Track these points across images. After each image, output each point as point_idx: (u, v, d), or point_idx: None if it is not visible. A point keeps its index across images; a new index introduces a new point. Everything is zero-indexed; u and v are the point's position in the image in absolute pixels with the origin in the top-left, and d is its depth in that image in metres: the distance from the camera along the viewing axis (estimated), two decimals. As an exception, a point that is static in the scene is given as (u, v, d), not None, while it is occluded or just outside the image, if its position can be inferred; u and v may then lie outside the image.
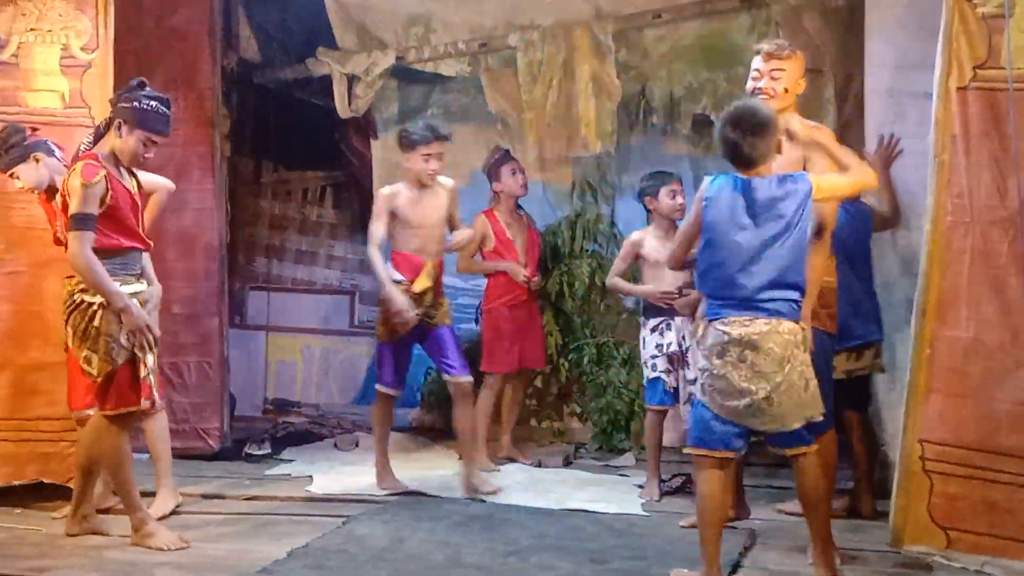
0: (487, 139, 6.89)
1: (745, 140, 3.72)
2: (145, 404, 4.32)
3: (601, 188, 6.88)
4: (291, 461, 6.28)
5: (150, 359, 4.29)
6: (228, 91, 6.92)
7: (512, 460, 6.16)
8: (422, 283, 5.27)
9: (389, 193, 5.35)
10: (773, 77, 4.18)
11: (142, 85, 4.37)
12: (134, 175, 4.48)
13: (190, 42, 6.18)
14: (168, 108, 4.37)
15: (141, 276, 4.45)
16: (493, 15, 6.83)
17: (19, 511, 4.92)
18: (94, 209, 4.19)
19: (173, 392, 6.04)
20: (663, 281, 5.36)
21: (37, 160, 4.67)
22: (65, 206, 4.25)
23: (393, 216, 5.30)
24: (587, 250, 6.71)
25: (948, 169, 4.18)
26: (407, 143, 5.32)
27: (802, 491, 3.88)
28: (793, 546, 4.37)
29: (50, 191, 4.65)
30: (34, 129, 4.81)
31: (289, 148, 7.89)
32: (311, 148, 7.81)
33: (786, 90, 4.17)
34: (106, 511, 4.72)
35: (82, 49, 5.13)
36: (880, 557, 4.26)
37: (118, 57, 5.18)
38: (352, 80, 7.02)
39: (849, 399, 4.76)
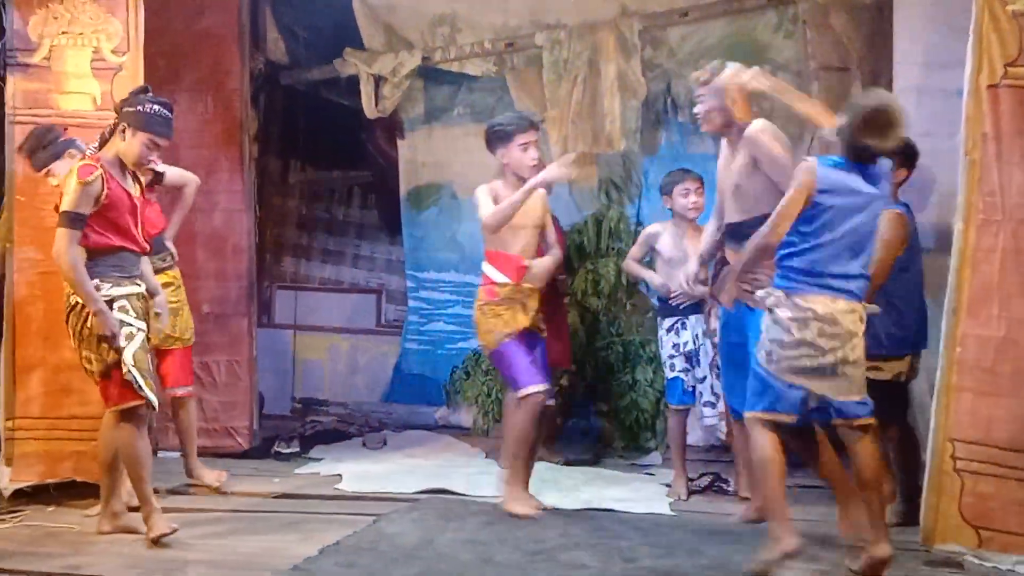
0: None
1: (882, 140, 3.74)
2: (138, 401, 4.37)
3: (627, 187, 6.86)
4: (320, 460, 6.32)
5: (127, 358, 4.31)
6: (256, 92, 6.98)
7: (539, 459, 6.15)
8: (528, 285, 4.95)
9: (490, 187, 4.91)
10: (701, 102, 4.40)
11: (145, 90, 4.45)
12: (138, 180, 4.54)
13: (218, 44, 6.26)
14: (170, 112, 4.43)
15: (139, 279, 4.48)
16: (519, 14, 6.85)
17: (52, 509, 4.96)
18: (86, 209, 4.27)
19: (203, 391, 6.10)
20: (674, 279, 5.38)
21: (72, 156, 4.72)
22: None
23: None
24: (613, 248, 6.69)
25: (979, 167, 4.16)
26: (501, 135, 4.89)
27: (859, 468, 3.87)
28: (820, 545, 4.35)
29: None
30: (64, 129, 4.89)
31: (316, 149, 7.95)
32: (338, 148, 7.86)
33: (720, 110, 4.34)
34: (137, 509, 4.75)
35: (113, 52, 5.17)
36: (911, 555, 4.24)
37: (148, 60, 5.23)
38: (379, 80, 7.05)
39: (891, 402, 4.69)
